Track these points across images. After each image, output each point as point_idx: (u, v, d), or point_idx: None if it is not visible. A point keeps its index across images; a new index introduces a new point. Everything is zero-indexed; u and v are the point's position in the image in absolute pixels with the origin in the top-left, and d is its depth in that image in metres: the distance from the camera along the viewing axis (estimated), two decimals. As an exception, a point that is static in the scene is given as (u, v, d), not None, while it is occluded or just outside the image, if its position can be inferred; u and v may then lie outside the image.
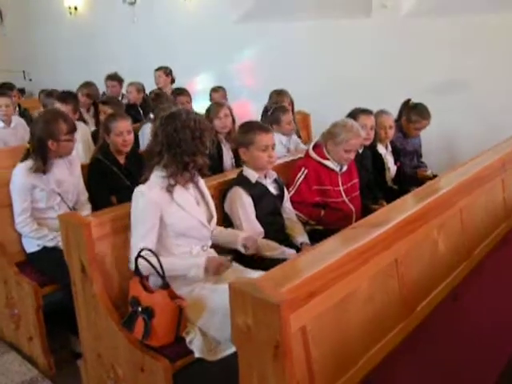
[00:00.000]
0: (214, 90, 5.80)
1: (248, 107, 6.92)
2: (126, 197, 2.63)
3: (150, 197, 2.40)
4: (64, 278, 2.75)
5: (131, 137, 3.52)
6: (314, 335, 1.69)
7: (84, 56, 9.04)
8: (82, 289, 2.46)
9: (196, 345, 2.26)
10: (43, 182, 3.09)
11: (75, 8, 9.01)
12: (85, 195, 3.35)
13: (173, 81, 6.34)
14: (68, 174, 3.22)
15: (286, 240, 3.01)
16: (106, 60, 8.57)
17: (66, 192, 3.18)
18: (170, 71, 6.30)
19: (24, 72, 10.16)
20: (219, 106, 4.05)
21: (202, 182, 2.66)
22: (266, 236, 2.92)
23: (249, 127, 2.96)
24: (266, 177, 3.03)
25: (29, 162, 3.07)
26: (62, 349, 3.10)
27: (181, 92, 5.11)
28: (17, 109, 5.44)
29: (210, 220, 2.60)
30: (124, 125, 3.48)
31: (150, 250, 2.31)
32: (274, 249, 2.84)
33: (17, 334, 3.15)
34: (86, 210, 3.28)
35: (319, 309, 1.71)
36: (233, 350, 1.95)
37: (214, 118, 3.93)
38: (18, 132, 4.80)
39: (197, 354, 2.23)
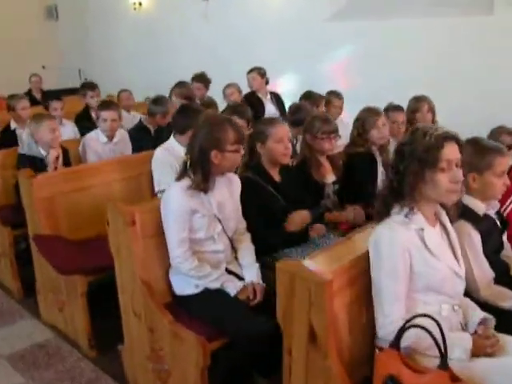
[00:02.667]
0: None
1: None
2: (279, 221, 2.45)
3: (396, 240, 1.79)
4: (237, 331, 2.18)
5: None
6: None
7: (146, 55, 8.51)
8: (304, 358, 1.84)
9: None
10: (204, 205, 2.49)
11: (140, 3, 8.44)
12: (243, 223, 2.73)
13: (267, 82, 5.72)
14: (228, 195, 2.61)
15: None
16: (172, 59, 8.04)
17: (227, 219, 2.57)
18: (265, 72, 5.68)
19: (79, 70, 9.61)
20: (376, 113, 3.44)
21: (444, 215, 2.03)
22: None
23: (483, 148, 2.31)
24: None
25: (186, 181, 2.46)
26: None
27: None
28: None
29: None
30: (285, 130, 2.87)
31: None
32: (509, 298, 2.22)
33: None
34: (245, 242, 2.68)
35: None
36: None
37: (370, 128, 3.34)
38: (118, 148, 4.21)
39: None
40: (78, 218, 3.36)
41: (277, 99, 5.68)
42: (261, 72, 5.58)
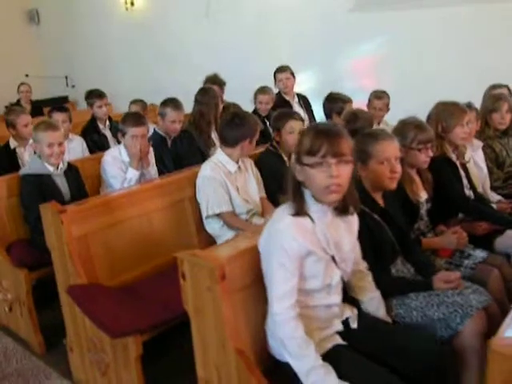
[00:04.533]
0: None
1: (363, 111, 5.78)
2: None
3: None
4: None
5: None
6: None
7: (141, 59, 7.85)
8: None
9: None
10: (320, 244, 1.91)
11: (132, 3, 7.78)
12: (363, 263, 2.18)
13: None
14: (344, 227, 2.03)
15: None
16: (171, 63, 7.41)
17: (345, 261, 2.01)
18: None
19: (66, 78, 8.89)
20: (461, 109, 2.95)
21: None
22: None
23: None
24: None
25: (291, 208, 1.89)
26: None
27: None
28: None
29: None
30: (392, 147, 2.32)
31: None
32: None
33: None
34: (371, 291, 2.14)
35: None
36: None
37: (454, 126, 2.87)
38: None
39: None
40: (117, 260, 2.77)
41: (304, 102, 5.12)
42: (291, 71, 5.01)
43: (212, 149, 4.20)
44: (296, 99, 5.09)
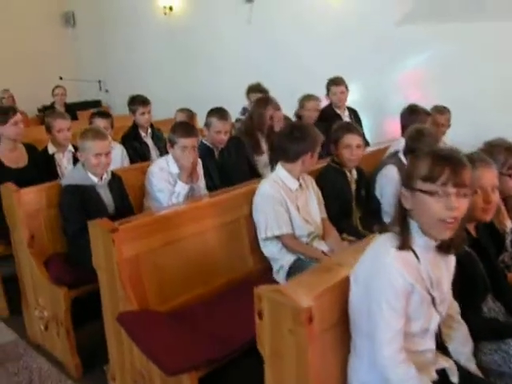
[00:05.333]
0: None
1: (410, 125, 5.49)
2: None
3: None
4: None
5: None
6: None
7: (178, 65, 7.67)
8: None
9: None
10: (422, 281, 1.65)
11: (170, 8, 7.60)
12: (455, 305, 1.90)
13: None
14: (443, 266, 1.76)
15: None
16: (209, 70, 7.20)
17: (442, 302, 1.73)
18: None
19: (100, 82, 8.75)
20: None
21: None
22: None
23: None
24: None
25: (394, 240, 1.63)
26: None
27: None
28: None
29: None
30: (490, 175, 2.05)
31: None
32: None
33: None
34: (460, 330, 1.87)
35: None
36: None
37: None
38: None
39: None
40: (168, 282, 2.53)
41: (355, 116, 4.85)
42: (346, 84, 4.76)
43: (260, 157, 3.97)
44: (346, 113, 4.83)
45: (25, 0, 8.41)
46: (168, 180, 3.28)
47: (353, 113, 4.88)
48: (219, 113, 3.71)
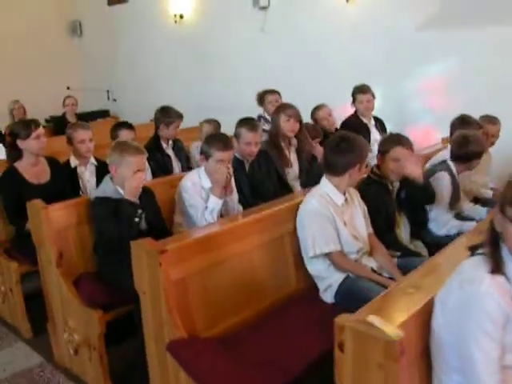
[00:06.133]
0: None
1: (431, 134, 5.38)
2: None
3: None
4: None
5: None
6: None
7: (186, 72, 7.53)
8: None
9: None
10: None
11: (181, 16, 7.48)
12: None
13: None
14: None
15: None
16: (221, 79, 7.08)
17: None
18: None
19: (108, 91, 8.61)
20: None
21: None
22: None
23: None
24: None
25: (485, 263, 1.52)
26: None
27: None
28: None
29: None
30: None
31: None
32: None
33: None
34: None
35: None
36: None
37: None
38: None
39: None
40: (215, 306, 2.37)
41: (381, 125, 4.72)
42: (373, 92, 4.63)
43: (290, 169, 3.82)
44: (373, 122, 4.69)
45: (31, 10, 8.27)
46: (200, 195, 3.14)
47: (379, 122, 4.73)
48: (249, 123, 3.57)
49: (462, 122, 3.60)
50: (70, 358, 3.05)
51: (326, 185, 2.69)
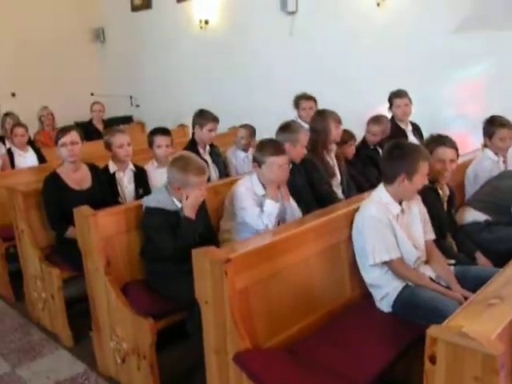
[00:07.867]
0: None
1: (465, 141, 5.29)
2: None
3: None
4: None
5: None
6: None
7: (211, 78, 7.51)
8: None
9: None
10: None
11: (206, 22, 7.47)
12: None
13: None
14: None
15: None
16: (248, 86, 7.04)
17: None
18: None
19: (131, 97, 8.62)
20: None
21: None
22: None
23: None
24: None
25: None
26: None
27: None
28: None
29: None
30: None
31: None
32: None
33: None
34: None
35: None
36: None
37: None
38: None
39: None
40: (276, 316, 2.32)
41: (418, 131, 4.65)
42: (409, 97, 4.55)
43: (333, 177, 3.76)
44: (410, 127, 4.61)
45: (57, 19, 8.31)
46: (254, 201, 3.08)
47: (416, 128, 4.66)
48: (299, 127, 3.54)
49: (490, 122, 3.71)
50: (116, 367, 3.01)
51: (381, 193, 2.63)
